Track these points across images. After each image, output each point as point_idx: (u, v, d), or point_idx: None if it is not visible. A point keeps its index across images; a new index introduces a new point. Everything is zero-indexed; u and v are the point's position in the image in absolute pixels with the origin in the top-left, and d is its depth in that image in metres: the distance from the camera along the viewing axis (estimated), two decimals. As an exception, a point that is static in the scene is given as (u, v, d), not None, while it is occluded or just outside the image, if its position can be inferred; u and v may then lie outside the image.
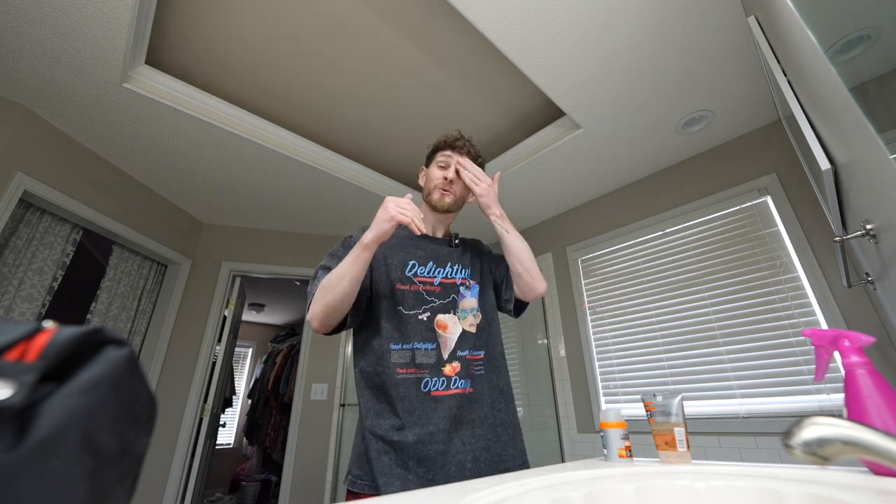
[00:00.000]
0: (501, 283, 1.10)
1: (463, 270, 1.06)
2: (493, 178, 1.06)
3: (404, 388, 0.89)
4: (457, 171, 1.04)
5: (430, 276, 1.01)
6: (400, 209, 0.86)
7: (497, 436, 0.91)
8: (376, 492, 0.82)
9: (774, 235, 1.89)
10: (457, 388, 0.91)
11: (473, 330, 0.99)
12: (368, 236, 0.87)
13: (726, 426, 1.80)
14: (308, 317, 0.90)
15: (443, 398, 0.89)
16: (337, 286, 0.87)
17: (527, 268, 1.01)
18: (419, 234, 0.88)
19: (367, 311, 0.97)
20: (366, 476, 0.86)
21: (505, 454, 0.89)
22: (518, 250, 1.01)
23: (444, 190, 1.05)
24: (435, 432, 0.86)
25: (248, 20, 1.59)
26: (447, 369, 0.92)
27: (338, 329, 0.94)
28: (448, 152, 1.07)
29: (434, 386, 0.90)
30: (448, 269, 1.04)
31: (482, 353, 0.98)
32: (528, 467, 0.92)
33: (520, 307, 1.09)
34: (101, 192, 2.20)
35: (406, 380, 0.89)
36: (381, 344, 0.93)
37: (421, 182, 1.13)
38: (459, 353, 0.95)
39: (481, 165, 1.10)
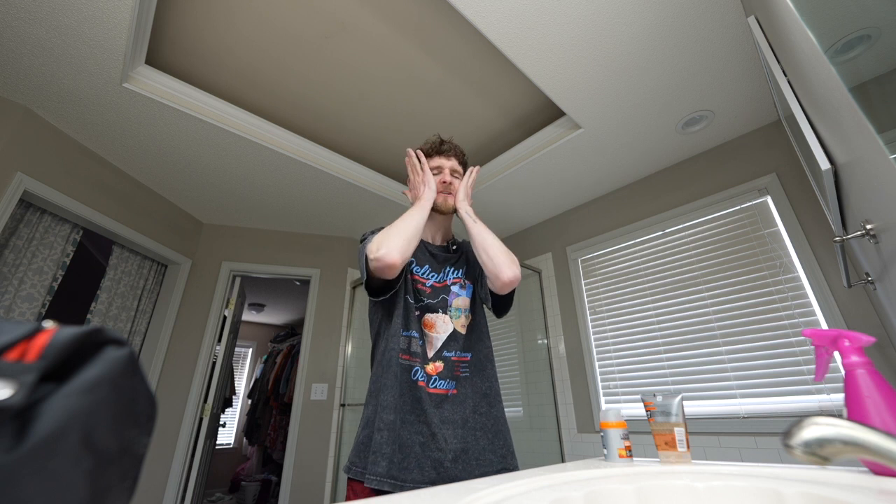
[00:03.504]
0: (478, 278, 1.09)
1: (457, 271, 1.09)
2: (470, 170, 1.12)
3: (400, 371, 0.93)
4: (450, 173, 1.10)
5: (423, 278, 1.05)
6: (432, 182, 1.04)
7: (476, 439, 0.92)
8: (364, 470, 0.86)
9: (774, 235, 1.89)
10: (437, 387, 0.94)
11: (464, 331, 1.01)
12: (426, 197, 1.02)
13: (726, 426, 1.80)
14: (382, 252, 0.86)
15: (426, 391, 0.93)
16: (412, 222, 0.94)
17: (490, 255, 0.98)
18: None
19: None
20: (360, 462, 0.89)
21: (482, 458, 0.91)
22: (482, 237, 1.00)
23: (446, 193, 1.09)
24: (416, 422, 0.90)
25: (248, 20, 1.59)
26: (429, 368, 0.95)
27: (394, 283, 0.95)
28: (437, 158, 1.12)
29: (421, 377, 0.94)
30: (441, 274, 1.07)
31: (469, 356, 1.00)
32: (509, 471, 0.92)
33: (499, 304, 1.06)
34: (101, 192, 2.20)
35: (402, 364, 0.94)
36: (394, 325, 0.98)
37: None
38: (445, 354, 0.97)
39: (465, 163, 1.16)
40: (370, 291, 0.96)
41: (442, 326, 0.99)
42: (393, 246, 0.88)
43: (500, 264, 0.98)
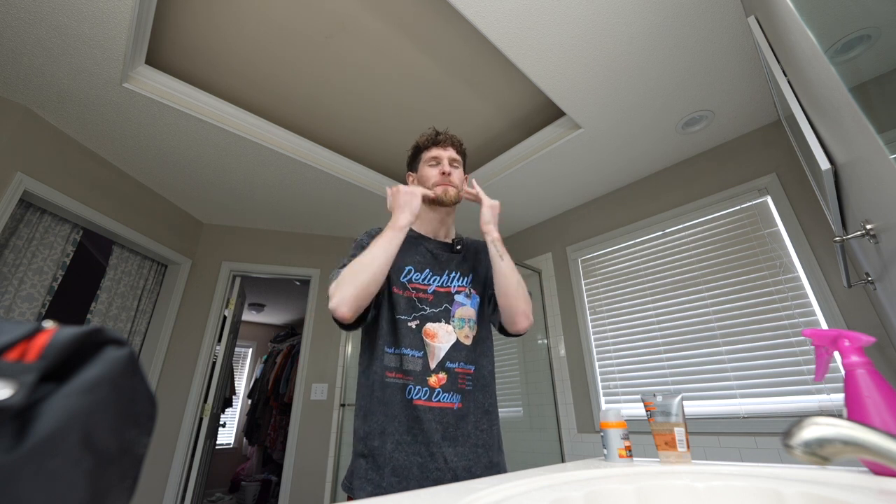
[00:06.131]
0: (491, 299, 1.04)
1: (463, 278, 1.03)
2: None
3: (390, 392, 0.88)
4: (449, 163, 1.05)
5: (424, 284, 0.98)
6: (414, 188, 0.96)
7: (478, 457, 0.88)
8: (351, 490, 0.84)
9: (774, 235, 1.89)
10: (441, 401, 0.89)
11: (468, 342, 0.96)
12: (403, 220, 0.91)
13: (726, 426, 1.80)
14: (333, 304, 0.82)
15: (425, 409, 0.87)
16: (371, 265, 0.85)
17: (511, 303, 0.94)
18: (433, 196, 1.00)
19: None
20: (349, 479, 0.87)
21: (483, 476, 0.86)
22: (508, 281, 0.94)
23: (445, 184, 1.03)
24: (413, 443, 0.85)
25: (249, 20, 1.59)
26: (432, 380, 0.89)
27: (360, 320, 0.90)
28: (434, 150, 1.07)
29: (417, 394, 0.87)
30: (445, 276, 1.01)
31: (472, 369, 0.95)
32: None
33: (507, 332, 1.02)
34: (101, 192, 2.20)
35: (393, 384, 0.88)
36: (377, 346, 0.93)
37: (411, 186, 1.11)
38: (448, 365, 0.92)
39: (464, 153, 1.12)
40: (337, 324, 0.88)
41: (444, 336, 0.94)
42: (345, 297, 0.82)
43: (519, 314, 0.94)
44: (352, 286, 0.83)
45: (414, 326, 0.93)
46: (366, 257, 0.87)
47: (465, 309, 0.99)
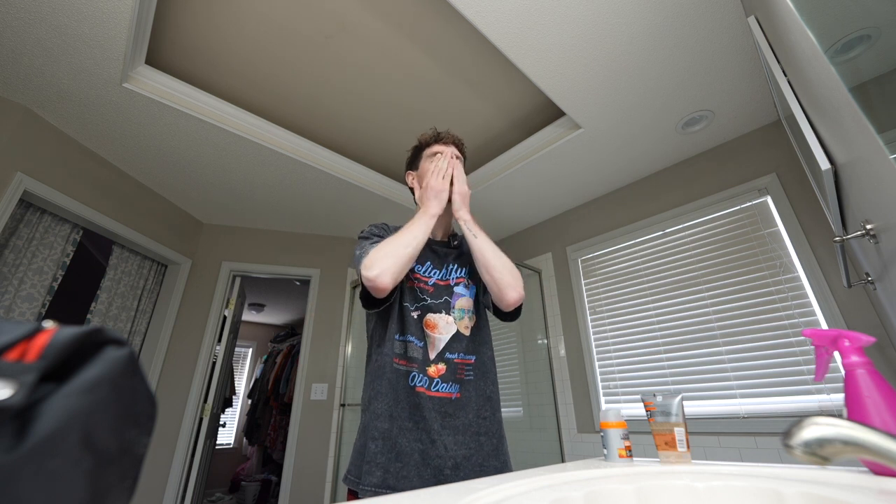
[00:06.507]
0: (480, 283, 1.06)
1: (460, 270, 1.05)
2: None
3: (395, 377, 0.90)
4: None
5: (425, 276, 1.01)
6: (442, 177, 0.99)
7: (480, 445, 0.89)
8: (359, 480, 0.84)
9: (774, 235, 1.89)
10: (440, 391, 0.90)
11: (468, 333, 0.98)
12: (434, 208, 0.96)
13: (726, 426, 1.80)
14: (375, 273, 0.84)
15: (425, 397, 0.89)
16: (412, 242, 0.89)
17: (494, 276, 0.94)
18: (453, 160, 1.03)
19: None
20: (355, 471, 0.87)
21: (486, 465, 0.88)
22: (484, 256, 0.95)
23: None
24: (414, 429, 0.87)
25: (249, 20, 1.59)
26: (431, 370, 0.92)
27: (388, 297, 0.92)
28: (435, 146, 1.09)
29: (420, 382, 0.90)
30: (444, 270, 1.03)
31: (473, 359, 0.97)
32: None
33: (503, 314, 1.03)
34: (101, 192, 2.20)
35: (398, 370, 0.91)
36: (387, 332, 0.95)
37: (411, 184, 1.13)
38: (448, 356, 0.94)
39: (463, 152, 1.14)
40: (364, 302, 0.92)
41: (445, 327, 0.96)
42: (386, 268, 0.84)
43: (505, 286, 0.94)
44: (394, 258, 0.87)
45: (416, 316, 0.96)
46: (405, 235, 0.91)
47: (465, 300, 1.02)
